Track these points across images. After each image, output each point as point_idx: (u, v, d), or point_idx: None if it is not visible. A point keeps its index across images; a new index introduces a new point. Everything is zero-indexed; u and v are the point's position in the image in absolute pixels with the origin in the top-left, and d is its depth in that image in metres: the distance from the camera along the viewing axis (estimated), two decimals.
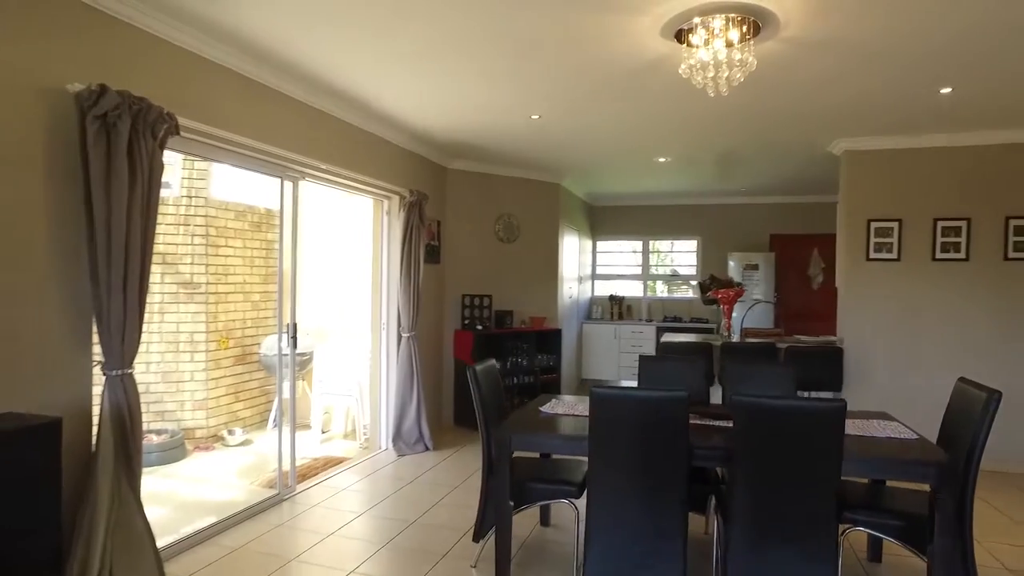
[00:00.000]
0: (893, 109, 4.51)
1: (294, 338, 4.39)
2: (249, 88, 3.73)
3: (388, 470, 4.99)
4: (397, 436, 5.48)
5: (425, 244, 5.74)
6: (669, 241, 9.24)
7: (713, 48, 3.06)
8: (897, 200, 5.31)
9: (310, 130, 4.30)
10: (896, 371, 5.31)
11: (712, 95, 3.23)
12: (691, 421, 2.84)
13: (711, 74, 3.09)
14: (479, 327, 6.43)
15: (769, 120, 4.84)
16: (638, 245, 9.34)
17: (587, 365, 8.75)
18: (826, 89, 4.10)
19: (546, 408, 3.56)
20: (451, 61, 3.71)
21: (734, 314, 6.07)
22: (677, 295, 9.15)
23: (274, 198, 4.55)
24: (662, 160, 6.41)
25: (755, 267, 8.12)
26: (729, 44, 3.05)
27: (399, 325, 5.53)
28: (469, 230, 6.72)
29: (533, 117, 4.88)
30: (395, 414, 5.51)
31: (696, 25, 3.07)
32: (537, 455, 3.65)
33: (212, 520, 3.73)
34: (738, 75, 3.08)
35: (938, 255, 5.24)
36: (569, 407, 3.60)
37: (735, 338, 5.70)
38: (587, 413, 3.41)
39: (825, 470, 2.55)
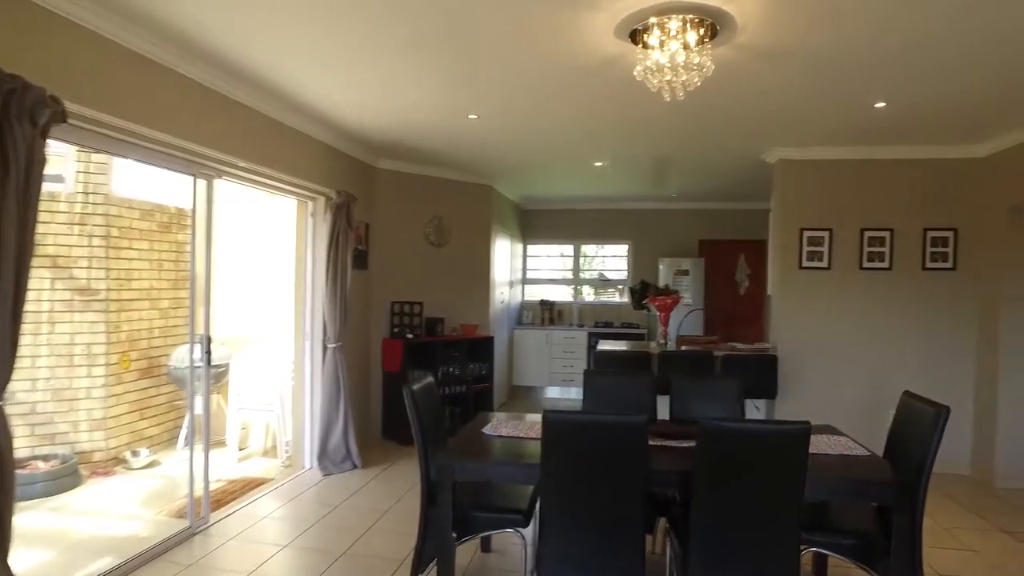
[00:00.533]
0: (829, 121, 4.54)
1: (208, 350, 3.95)
2: (158, 75, 3.29)
3: (313, 492, 4.61)
4: (323, 454, 5.09)
5: (353, 249, 5.37)
6: (600, 245, 9.18)
7: (670, 50, 2.90)
8: (828, 210, 5.39)
9: (228, 124, 3.87)
10: (827, 379, 5.39)
11: (668, 99, 3.08)
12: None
13: (668, 77, 2.93)
14: (409, 336, 6.11)
15: (711, 126, 4.78)
16: (569, 249, 9.23)
17: (518, 372, 8.55)
18: (769, 98, 4.05)
19: (489, 429, 3.31)
20: (385, 55, 3.40)
21: (670, 321, 6.01)
22: (607, 299, 9.10)
23: (186, 196, 4.09)
24: (599, 164, 6.29)
25: (685, 272, 8.16)
26: (686, 46, 2.90)
27: (325, 335, 5.13)
28: (399, 233, 6.38)
29: (471, 117, 4.62)
30: (320, 430, 5.12)
31: (652, 25, 2.91)
32: None
33: (110, 562, 3.26)
34: (696, 79, 2.94)
35: (865, 264, 5.35)
36: (514, 427, 3.36)
37: (671, 346, 5.63)
38: (533, 435, 3.20)
39: (790, 493, 2.43)
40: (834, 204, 5.38)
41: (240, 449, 5.51)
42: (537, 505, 3.23)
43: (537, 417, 3.69)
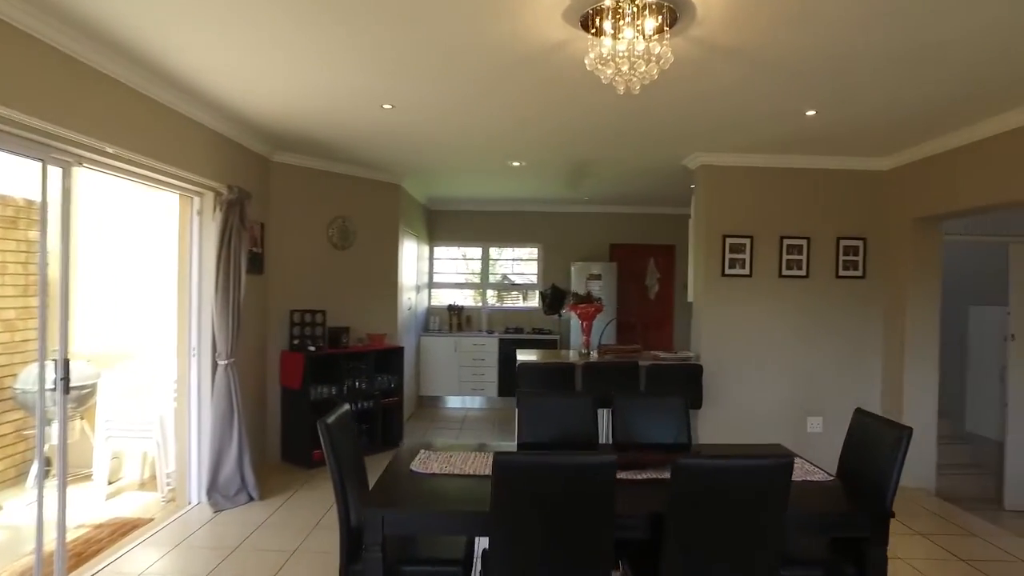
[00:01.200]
0: (761, 126, 4.42)
1: (65, 368, 3.21)
2: None
3: (204, 534, 3.94)
4: (213, 487, 4.40)
5: (247, 251, 4.71)
6: (510, 248, 8.87)
7: (625, 37, 2.58)
8: (749, 217, 5.33)
9: (93, 101, 3.17)
10: (750, 387, 5.33)
11: (621, 92, 2.75)
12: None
13: (624, 68, 2.61)
14: (311, 348, 5.48)
15: (640, 127, 4.55)
16: (476, 252, 8.84)
17: (426, 382, 8.05)
18: (709, 99, 3.85)
19: (417, 466, 2.86)
20: (293, 26, 2.86)
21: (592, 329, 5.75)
22: (517, 305, 8.79)
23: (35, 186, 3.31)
24: (516, 164, 5.94)
25: (597, 277, 8.01)
26: (642, 34, 2.59)
27: (215, 349, 4.45)
28: (299, 235, 5.74)
29: (385, 106, 4.13)
30: (210, 458, 4.43)
31: (607, 9, 2.58)
32: None
33: None
34: (654, 71, 2.63)
35: (784, 272, 5.34)
36: (444, 461, 2.93)
37: (594, 355, 5.38)
38: (470, 470, 2.79)
39: (769, 530, 2.17)
40: (755, 211, 5.34)
41: (110, 483, 4.69)
42: (477, 552, 2.83)
43: (468, 443, 3.29)
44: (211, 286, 4.37)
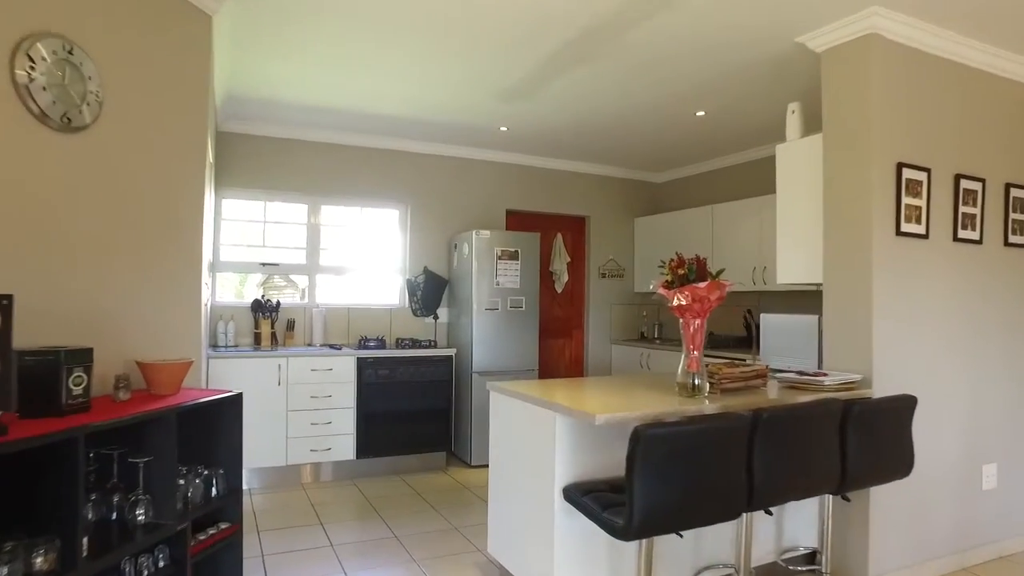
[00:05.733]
0: None
1: None
2: None
3: None
4: None
5: None
6: (357, 208, 5.27)
7: None
8: (926, 139, 3.00)
9: None
10: (924, 418, 2.97)
11: None
12: None
13: None
14: None
15: None
16: (300, 212, 5.08)
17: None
18: None
19: None
20: None
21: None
22: (369, 304, 5.25)
23: None
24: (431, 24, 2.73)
25: (512, 256, 4.98)
26: None
27: None
28: None
29: None
30: None
31: None
32: None
33: None
34: None
35: (958, 233, 3.12)
36: None
37: (705, 389, 2.48)
38: None
39: None
40: (933, 129, 3.04)
41: None
42: None
43: None
44: None
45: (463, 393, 4.86)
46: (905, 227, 2.89)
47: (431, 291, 5.15)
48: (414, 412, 4.58)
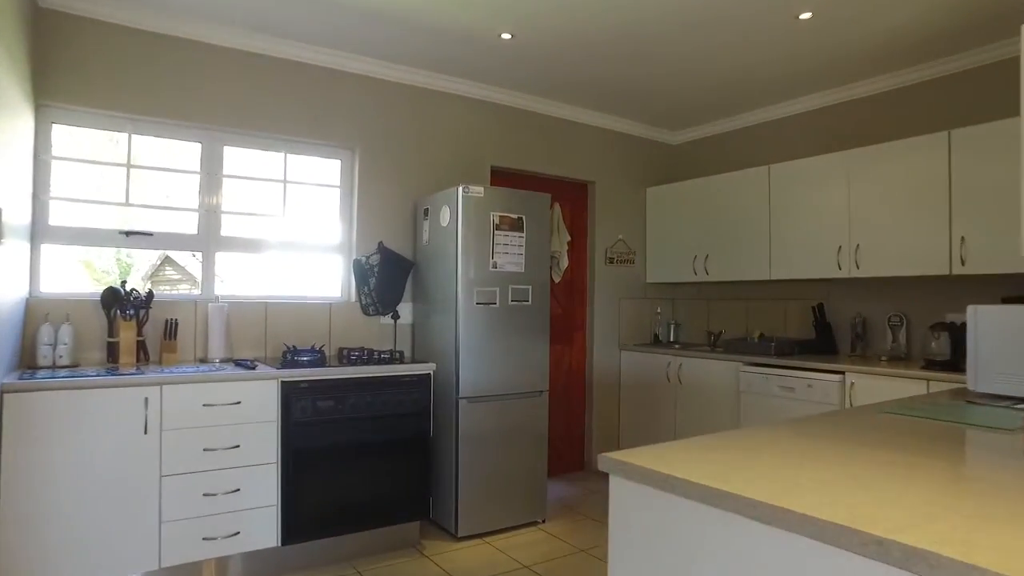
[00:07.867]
0: None
1: None
2: None
3: None
4: None
5: None
6: (277, 152, 3.53)
7: None
8: None
9: None
10: None
11: None
12: None
13: None
14: None
15: None
16: (190, 156, 3.27)
17: (45, 552, 2.33)
18: None
19: None
20: None
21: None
22: (301, 298, 3.52)
23: None
24: None
25: (517, 226, 3.40)
26: None
27: None
28: None
29: None
30: None
31: None
32: None
33: None
34: None
35: None
36: None
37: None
38: None
39: None
40: None
41: None
42: None
43: None
44: None
45: (445, 430, 3.27)
46: None
47: (389, 278, 3.52)
48: (373, 464, 2.94)
